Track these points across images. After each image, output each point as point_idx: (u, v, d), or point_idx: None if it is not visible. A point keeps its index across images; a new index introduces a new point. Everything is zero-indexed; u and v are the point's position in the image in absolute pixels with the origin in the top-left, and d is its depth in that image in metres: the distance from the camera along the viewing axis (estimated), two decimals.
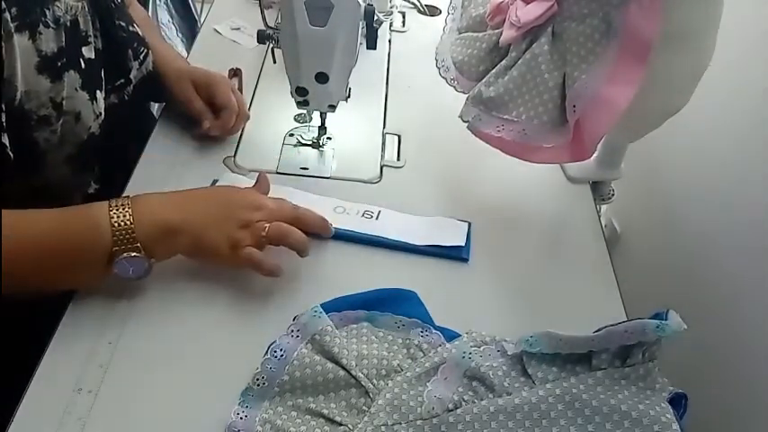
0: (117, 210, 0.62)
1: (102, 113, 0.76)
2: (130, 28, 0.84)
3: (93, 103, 0.74)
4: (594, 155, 0.84)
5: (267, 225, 0.67)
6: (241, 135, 0.90)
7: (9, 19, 0.63)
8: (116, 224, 0.61)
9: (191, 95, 0.87)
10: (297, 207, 0.72)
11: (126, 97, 0.84)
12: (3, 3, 0.62)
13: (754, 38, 0.89)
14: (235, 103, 0.86)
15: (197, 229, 0.65)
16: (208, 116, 0.86)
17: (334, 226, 0.76)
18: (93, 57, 0.75)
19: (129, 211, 0.62)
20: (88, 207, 0.64)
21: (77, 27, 0.73)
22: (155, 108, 1.01)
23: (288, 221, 0.69)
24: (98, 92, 0.76)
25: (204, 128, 0.85)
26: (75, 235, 0.62)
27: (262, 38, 0.80)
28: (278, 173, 0.85)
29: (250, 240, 0.67)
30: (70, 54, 0.71)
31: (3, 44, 0.63)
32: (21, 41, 0.65)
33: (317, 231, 0.73)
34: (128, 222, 0.61)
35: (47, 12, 0.68)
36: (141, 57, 0.86)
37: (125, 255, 0.62)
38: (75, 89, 0.72)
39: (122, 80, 0.83)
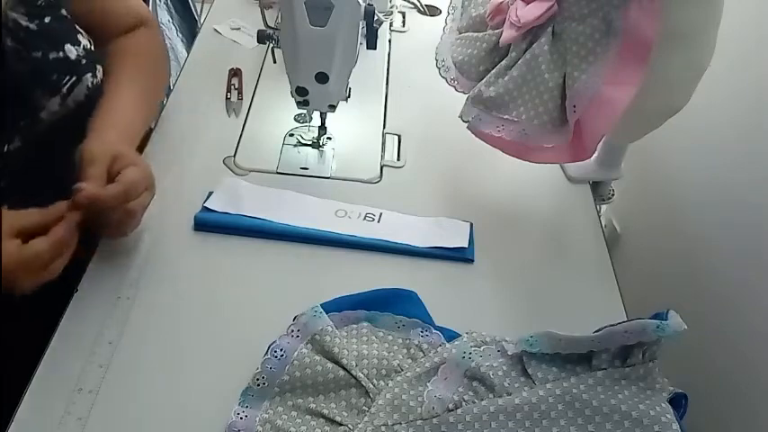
0: None
1: None
2: (53, 55, 0.70)
3: None
4: (594, 155, 0.84)
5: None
6: (241, 135, 0.90)
7: None
8: None
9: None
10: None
11: (37, 139, 0.70)
12: None
13: (754, 38, 0.89)
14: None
15: None
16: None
17: (336, 231, 0.76)
18: None
19: None
20: None
21: None
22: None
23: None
24: None
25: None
26: None
27: (262, 38, 0.80)
28: (278, 173, 0.85)
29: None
30: None
31: None
32: None
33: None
34: None
35: None
36: (65, 89, 0.71)
37: None
38: None
39: (28, 120, 0.69)
